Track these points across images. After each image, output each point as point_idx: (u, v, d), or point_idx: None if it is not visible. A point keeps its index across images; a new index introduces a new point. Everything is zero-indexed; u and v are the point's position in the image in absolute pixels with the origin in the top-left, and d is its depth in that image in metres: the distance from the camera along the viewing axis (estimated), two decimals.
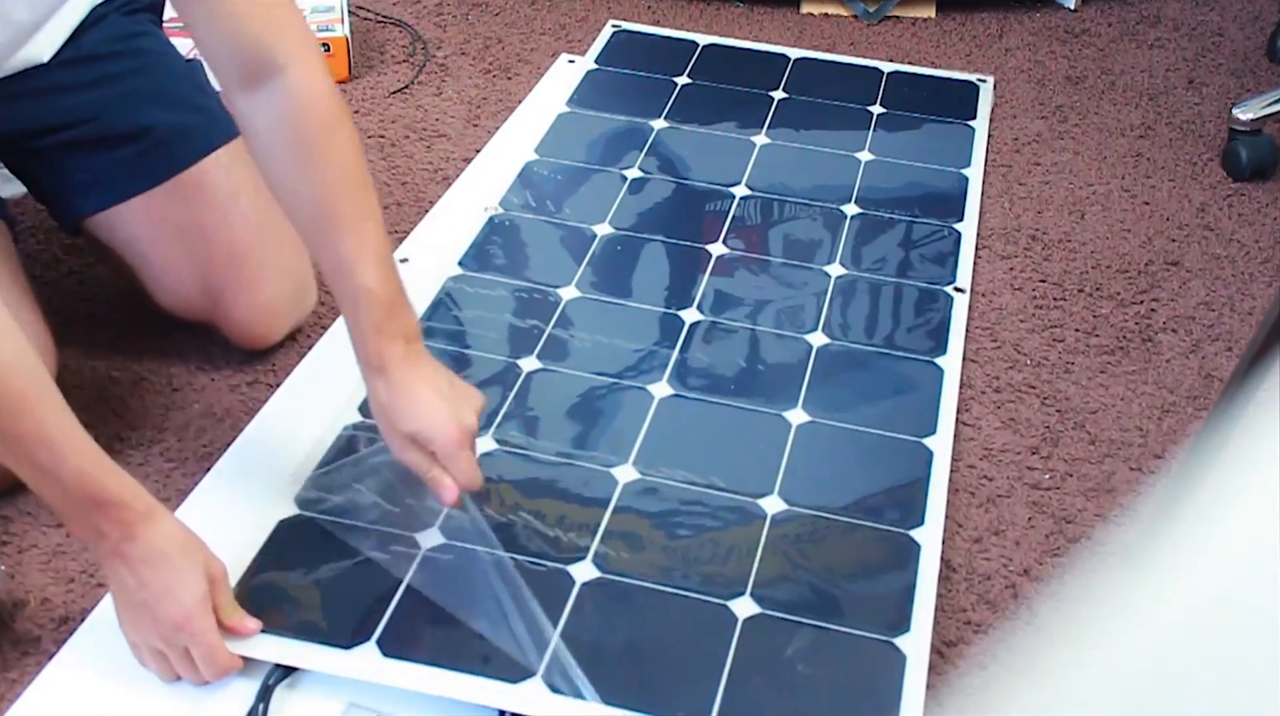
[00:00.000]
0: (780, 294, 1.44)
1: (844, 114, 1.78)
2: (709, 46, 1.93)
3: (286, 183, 1.05)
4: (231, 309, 1.31)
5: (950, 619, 1.13)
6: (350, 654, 1.02)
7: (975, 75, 1.90)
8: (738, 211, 1.57)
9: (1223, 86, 1.93)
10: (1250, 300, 1.52)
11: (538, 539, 1.13)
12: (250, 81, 1.02)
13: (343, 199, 1.04)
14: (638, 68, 1.87)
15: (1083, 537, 1.21)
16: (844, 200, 1.60)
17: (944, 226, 1.57)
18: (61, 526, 1.17)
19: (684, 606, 1.08)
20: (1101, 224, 1.64)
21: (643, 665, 1.03)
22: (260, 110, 1.03)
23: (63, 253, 1.49)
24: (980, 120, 1.79)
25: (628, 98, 1.79)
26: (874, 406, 1.29)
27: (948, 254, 1.52)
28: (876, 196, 1.61)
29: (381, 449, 1.14)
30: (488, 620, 1.05)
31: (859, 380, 1.33)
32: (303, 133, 1.03)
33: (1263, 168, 1.72)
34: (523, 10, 2.03)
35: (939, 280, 1.48)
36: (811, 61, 1.91)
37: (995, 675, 1.09)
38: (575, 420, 1.26)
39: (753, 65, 1.89)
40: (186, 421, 1.29)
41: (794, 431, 1.26)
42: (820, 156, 1.69)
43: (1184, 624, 0.43)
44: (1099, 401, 1.37)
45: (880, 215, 1.58)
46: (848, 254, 1.50)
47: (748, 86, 1.83)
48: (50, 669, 1.04)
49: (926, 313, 1.43)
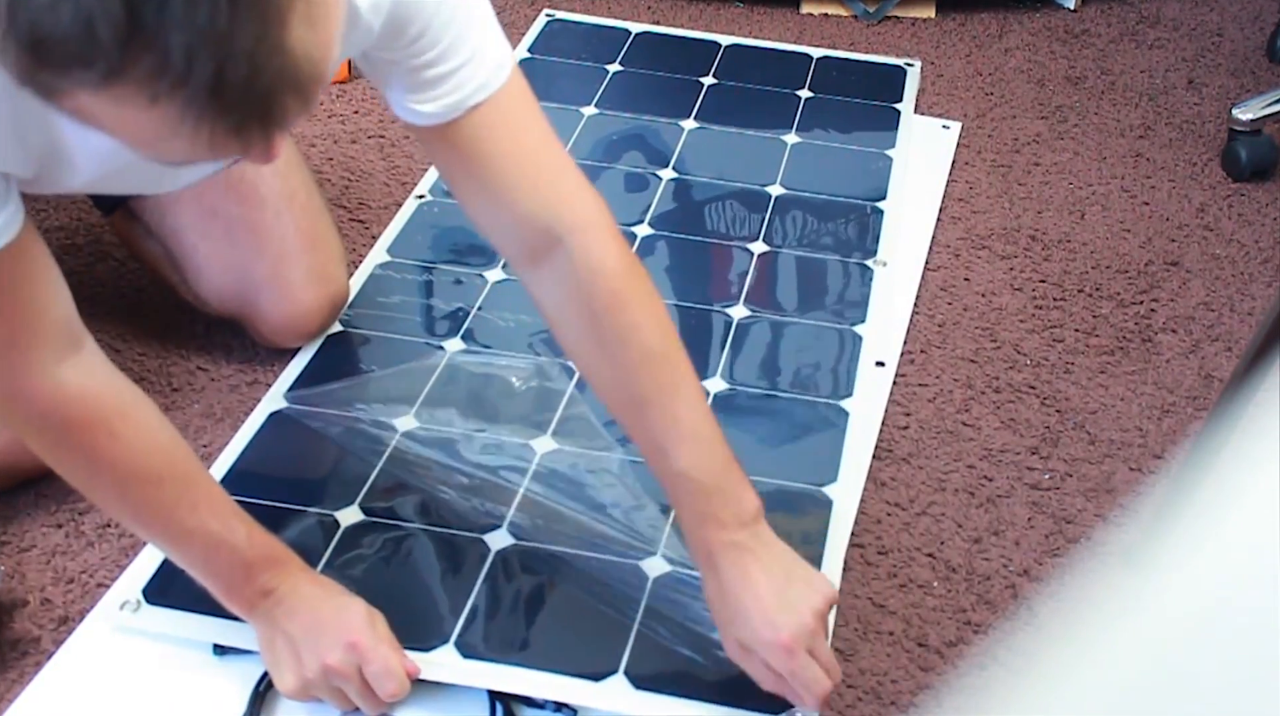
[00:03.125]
0: (704, 268, 1.48)
1: (772, 98, 1.80)
2: (642, 34, 1.94)
3: (584, 358, 1.00)
4: (267, 308, 1.32)
5: (950, 619, 1.13)
6: None
7: (904, 59, 1.92)
8: (663, 195, 1.59)
9: (1223, 86, 1.93)
10: (1250, 300, 1.52)
11: (454, 509, 1.16)
12: (534, 257, 0.97)
13: (644, 377, 0.96)
14: (569, 55, 1.88)
15: (1083, 537, 1.21)
16: (769, 183, 1.62)
17: (867, 204, 1.59)
18: (61, 526, 1.17)
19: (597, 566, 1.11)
20: (1101, 224, 1.64)
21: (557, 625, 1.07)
22: (547, 286, 0.98)
23: (63, 253, 1.49)
24: (906, 103, 1.81)
25: (558, 86, 1.80)
26: (787, 375, 1.33)
27: (870, 231, 1.54)
28: (802, 179, 1.63)
29: None
30: (405, 590, 1.09)
31: (776, 350, 1.37)
32: (594, 307, 0.96)
33: (1263, 168, 1.72)
34: (523, 10, 2.03)
35: (860, 255, 1.51)
36: (741, 48, 1.92)
37: (995, 675, 1.09)
38: (493, 399, 1.29)
39: (684, 52, 1.90)
40: (186, 421, 1.29)
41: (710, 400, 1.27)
42: (747, 140, 1.71)
43: (1184, 624, 0.43)
44: (1099, 401, 1.37)
45: (804, 195, 1.60)
46: (771, 232, 1.53)
47: (679, 73, 1.84)
48: (50, 669, 1.04)
49: (848, 286, 1.46)
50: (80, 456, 0.93)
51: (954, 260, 1.56)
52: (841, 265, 1.49)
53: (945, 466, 1.28)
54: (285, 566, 1.00)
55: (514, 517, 1.16)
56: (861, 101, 1.80)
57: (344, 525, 1.14)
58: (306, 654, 0.98)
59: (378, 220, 1.57)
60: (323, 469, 1.22)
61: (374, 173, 1.66)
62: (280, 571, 0.99)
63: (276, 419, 1.25)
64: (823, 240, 1.53)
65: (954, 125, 1.81)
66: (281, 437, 1.24)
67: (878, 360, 1.37)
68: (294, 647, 0.98)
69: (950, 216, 1.63)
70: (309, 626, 0.98)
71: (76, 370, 0.91)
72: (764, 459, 1.23)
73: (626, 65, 1.85)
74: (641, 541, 1.13)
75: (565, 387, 1.28)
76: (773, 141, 1.70)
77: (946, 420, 1.33)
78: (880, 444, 1.29)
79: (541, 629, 1.07)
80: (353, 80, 1.84)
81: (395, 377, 1.30)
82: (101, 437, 0.92)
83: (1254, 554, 0.43)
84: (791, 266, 1.49)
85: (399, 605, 1.04)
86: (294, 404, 1.27)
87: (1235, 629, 0.42)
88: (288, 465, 1.22)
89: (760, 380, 1.33)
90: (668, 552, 1.12)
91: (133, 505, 0.96)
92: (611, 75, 1.82)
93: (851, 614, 1.12)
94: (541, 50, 1.89)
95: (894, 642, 1.11)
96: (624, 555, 1.12)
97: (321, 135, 1.72)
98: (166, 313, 1.41)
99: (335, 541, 1.13)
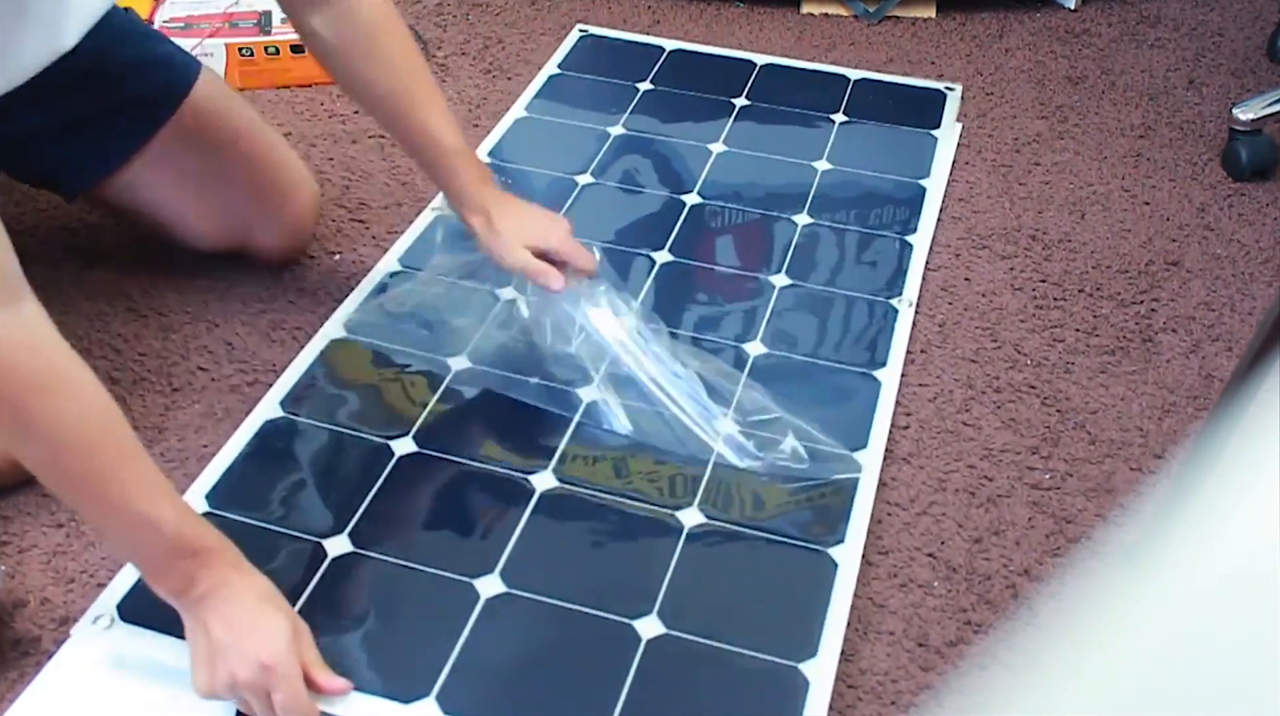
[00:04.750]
0: (723, 302, 1.43)
1: (805, 121, 1.76)
2: (676, 51, 1.91)
3: (360, 74, 1.24)
4: (261, 240, 1.43)
5: (950, 619, 1.13)
6: None
7: (944, 83, 1.87)
8: (687, 218, 1.56)
9: (1223, 86, 1.93)
10: (1250, 300, 1.52)
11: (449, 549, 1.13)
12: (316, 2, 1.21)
13: (414, 79, 1.24)
14: (601, 73, 1.85)
15: (1083, 537, 1.21)
16: (796, 209, 1.57)
17: (897, 239, 1.54)
18: (61, 526, 1.17)
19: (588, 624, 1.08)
20: (1101, 224, 1.64)
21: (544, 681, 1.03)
22: (328, 22, 1.22)
23: (64, 253, 1.49)
24: (945, 129, 1.75)
25: (588, 103, 1.77)
26: (810, 412, 1.27)
27: (897, 266, 1.50)
28: (830, 205, 1.58)
29: None
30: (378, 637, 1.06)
31: (795, 389, 1.30)
32: (367, 30, 1.22)
33: (1263, 168, 1.72)
34: (523, 10, 2.03)
35: (884, 293, 1.46)
36: (777, 68, 1.89)
37: (995, 675, 1.09)
38: (503, 425, 1.26)
39: (717, 71, 1.87)
40: (186, 421, 1.29)
41: (720, 440, 1.25)
42: (776, 164, 1.66)
43: (1184, 624, 0.43)
44: (1099, 401, 1.37)
45: (832, 225, 1.55)
46: (794, 264, 1.48)
47: (711, 93, 1.81)
48: (50, 669, 1.04)
49: (869, 325, 1.41)
50: (10, 412, 0.90)
51: (954, 260, 1.56)
52: (867, 304, 1.43)
53: (946, 466, 1.28)
54: (214, 557, 0.96)
55: (507, 561, 1.12)
56: (897, 127, 1.75)
57: (331, 555, 1.12)
58: (219, 661, 0.95)
59: (378, 220, 1.57)
60: (314, 485, 1.19)
61: (374, 173, 1.66)
62: (208, 562, 0.96)
63: (270, 428, 1.24)
64: (844, 275, 1.48)
65: (954, 126, 1.81)
66: (274, 449, 1.22)
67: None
68: (210, 650, 0.95)
69: (950, 216, 1.63)
70: (226, 631, 0.95)
71: (14, 323, 0.89)
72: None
73: (658, 84, 1.82)
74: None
75: (572, 417, 1.26)
76: (803, 167, 1.65)
77: (947, 420, 1.33)
78: None
79: (529, 680, 1.04)
80: None
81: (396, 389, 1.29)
82: (34, 396, 0.89)
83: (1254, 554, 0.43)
84: (814, 302, 1.44)
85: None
86: (288, 413, 1.25)
87: (1235, 628, 0.42)
88: (279, 478, 1.20)
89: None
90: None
91: (61, 472, 0.93)
92: (642, 94, 1.80)
93: (852, 614, 1.12)
94: (573, 66, 1.86)
95: (894, 642, 1.11)
96: (618, 614, 1.09)
97: (321, 135, 1.72)
98: (166, 313, 1.42)
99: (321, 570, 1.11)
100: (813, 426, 1.25)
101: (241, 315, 1.42)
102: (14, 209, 1.55)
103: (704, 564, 1.13)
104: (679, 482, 1.20)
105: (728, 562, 1.13)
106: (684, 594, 1.10)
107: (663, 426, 1.24)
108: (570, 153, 1.66)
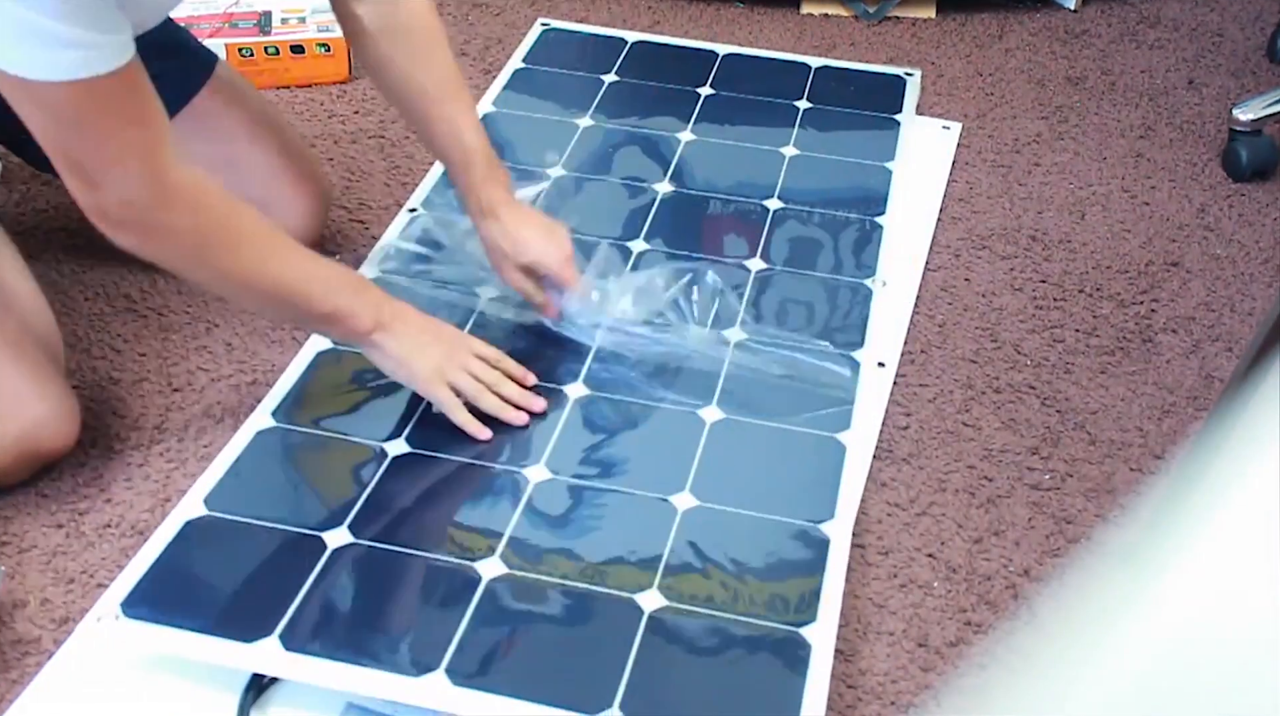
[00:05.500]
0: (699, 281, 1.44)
1: (770, 109, 1.77)
2: (638, 43, 1.92)
3: (400, 68, 1.29)
4: (283, 222, 1.39)
5: (950, 619, 1.13)
6: (252, 646, 1.02)
7: (903, 69, 1.88)
8: (661, 207, 1.56)
9: (1223, 86, 1.93)
10: (1250, 300, 1.52)
11: (446, 538, 1.13)
12: None
13: (449, 79, 1.30)
14: (565, 66, 1.85)
15: (1083, 537, 1.21)
16: (767, 195, 1.59)
17: (865, 220, 1.56)
18: (61, 526, 1.17)
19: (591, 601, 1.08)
20: (1101, 224, 1.64)
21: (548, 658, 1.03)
22: (375, 15, 1.27)
23: (64, 253, 1.49)
24: (906, 113, 1.77)
25: (553, 96, 1.78)
26: (787, 403, 1.28)
27: (869, 248, 1.51)
28: (799, 191, 1.60)
29: None
30: (394, 615, 1.06)
31: (773, 377, 1.32)
32: (414, 27, 1.28)
33: (1263, 168, 1.72)
34: (523, 11, 2.03)
35: (857, 274, 1.47)
36: (739, 57, 1.90)
37: (995, 675, 1.09)
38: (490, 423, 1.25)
39: (680, 61, 1.88)
40: (186, 421, 1.29)
41: (707, 428, 1.25)
42: (745, 151, 1.68)
43: (1184, 624, 0.43)
44: (1099, 402, 1.37)
45: (802, 209, 1.57)
46: (768, 249, 1.50)
47: (676, 83, 1.82)
48: (50, 669, 1.04)
49: (845, 306, 1.43)
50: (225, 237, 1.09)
51: (954, 260, 1.56)
52: (839, 284, 1.45)
53: (946, 466, 1.28)
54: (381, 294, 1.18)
55: (505, 547, 1.12)
56: (860, 112, 1.77)
57: (330, 546, 1.11)
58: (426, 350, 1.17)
59: (378, 221, 1.57)
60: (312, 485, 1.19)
61: (374, 173, 1.66)
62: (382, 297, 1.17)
63: (264, 436, 1.22)
64: (820, 258, 1.49)
65: (954, 126, 1.81)
66: (271, 455, 1.21)
67: (878, 361, 1.36)
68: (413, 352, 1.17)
69: (950, 217, 1.63)
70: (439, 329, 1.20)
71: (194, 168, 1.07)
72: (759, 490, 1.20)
73: (622, 75, 1.83)
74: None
75: (561, 414, 1.26)
76: (771, 153, 1.67)
77: (947, 420, 1.33)
78: (880, 444, 1.29)
79: (532, 659, 1.03)
80: (353, 80, 1.84)
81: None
82: (234, 218, 1.09)
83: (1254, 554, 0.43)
84: (788, 285, 1.45)
85: None
86: (281, 423, 1.23)
87: (1235, 628, 0.42)
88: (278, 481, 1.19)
89: (752, 415, 1.29)
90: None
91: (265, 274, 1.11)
92: (607, 86, 1.80)
93: (852, 614, 1.12)
94: (537, 60, 1.86)
95: (894, 642, 1.11)
96: (619, 589, 1.09)
97: (321, 135, 1.72)
98: (167, 313, 1.42)
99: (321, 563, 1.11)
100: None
101: (241, 315, 1.42)
102: (14, 209, 1.55)
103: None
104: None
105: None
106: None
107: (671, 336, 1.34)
108: (540, 145, 1.66)
